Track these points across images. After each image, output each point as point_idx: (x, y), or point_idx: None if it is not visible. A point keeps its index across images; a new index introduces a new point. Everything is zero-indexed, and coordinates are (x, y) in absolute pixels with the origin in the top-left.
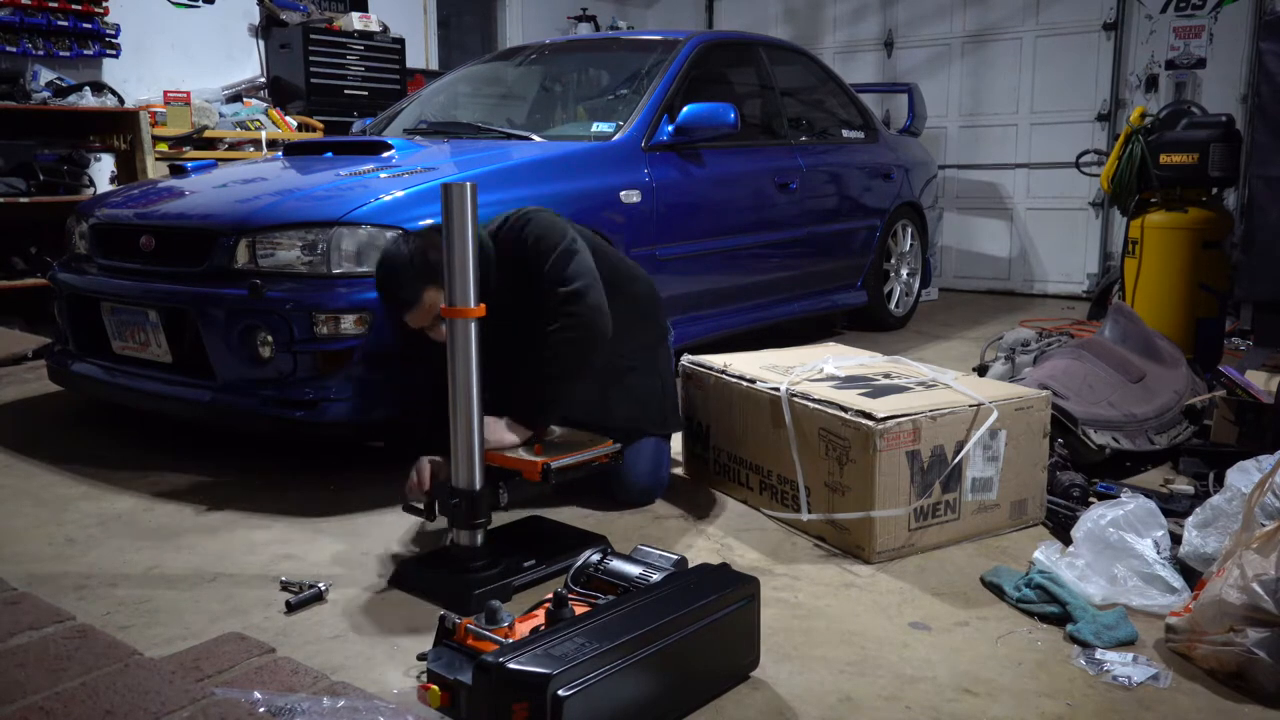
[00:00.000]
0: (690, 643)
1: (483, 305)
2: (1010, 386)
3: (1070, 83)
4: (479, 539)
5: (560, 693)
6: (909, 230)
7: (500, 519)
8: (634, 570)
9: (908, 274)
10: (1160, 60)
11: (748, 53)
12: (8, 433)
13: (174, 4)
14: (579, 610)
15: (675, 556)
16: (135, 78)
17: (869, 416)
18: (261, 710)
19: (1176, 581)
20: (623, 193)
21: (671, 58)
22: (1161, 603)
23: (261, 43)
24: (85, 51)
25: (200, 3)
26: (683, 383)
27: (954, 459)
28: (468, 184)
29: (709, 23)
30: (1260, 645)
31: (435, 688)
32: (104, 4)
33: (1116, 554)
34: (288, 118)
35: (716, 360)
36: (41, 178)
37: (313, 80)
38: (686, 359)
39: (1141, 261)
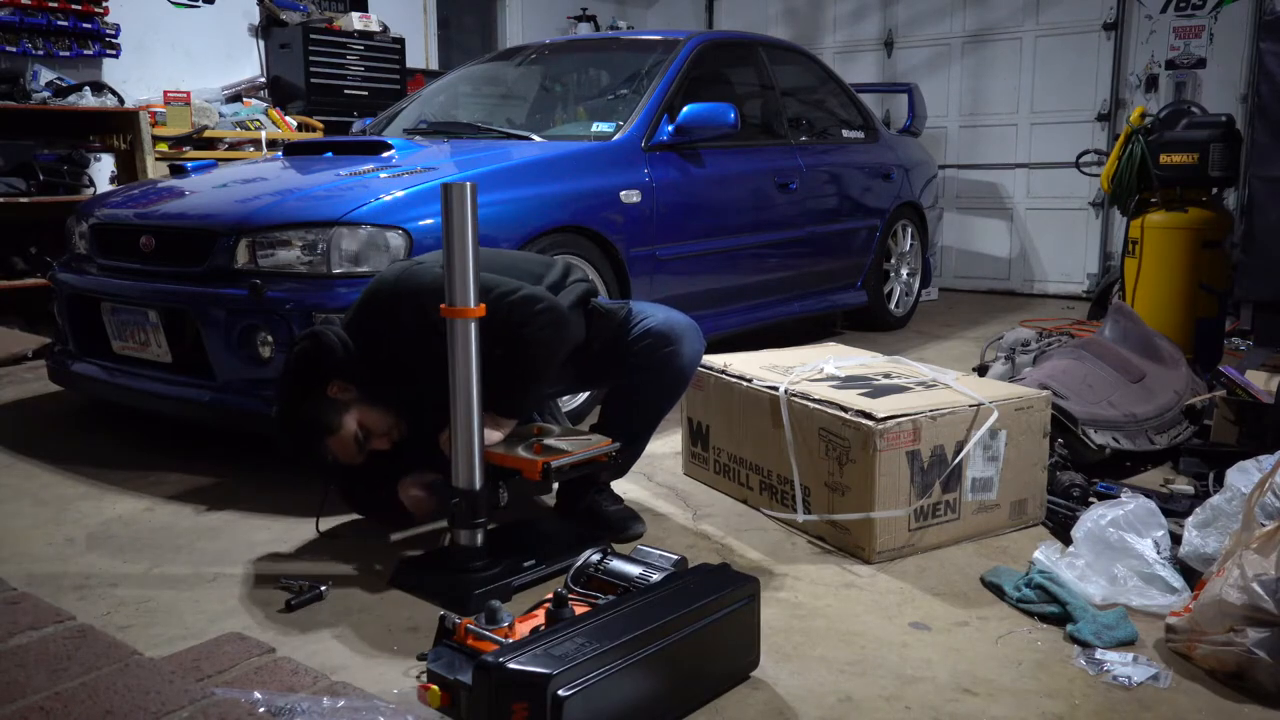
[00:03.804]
0: (690, 643)
1: (483, 305)
2: (1010, 386)
3: (1070, 83)
4: (479, 539)
5: (560, 693)
6: (909, 230)
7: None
8: (634, 570)
9: (908, 274)
10: (1160, 60)
11: (748, 53)
12: (8, 433)
13: (174, 4)
14: (579, 610)
15: (675, 556)
16: (135, 78)
17: (869, 416)
18: (261, 710)
19: (1176, 581)
20: (623, 193)
21: (671, 58)
22: (1161, 603)
23: (261, 43)
24: (85, 51)
25: (200, 3)
26: None
27: (954, 459)
28: (468, 184)
29: (709, 23)
30: (1260, 645)
31: (435, 688)
32: (104, 4)
33: (1116, 554)
34: (288, 118)
35: (716, 360)
36: (41, 178)
37: (313, 80)
38: None
39: (1141, 261)
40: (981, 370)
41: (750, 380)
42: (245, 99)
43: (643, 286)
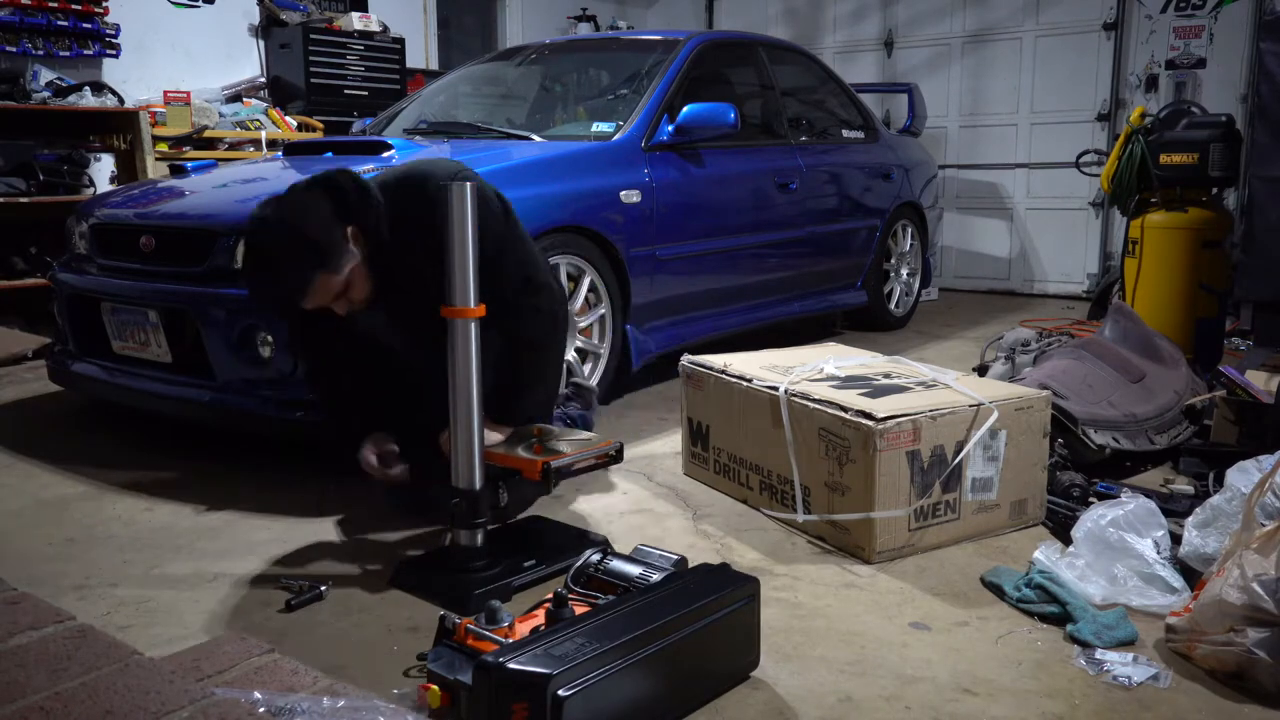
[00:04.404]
0: (690, 643)
1: (482, 305)
2: (1010, 386)
3: (1070, 83)
4: (479, 539)
5: (560, 693)
6: (909, 230)
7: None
8: (634, 570)
9: (908, 274)
10: (1160, 60)
11: (748, 53)
12: (8, 433)
13: (174, 4)
14: (579, 610)
15: (675, 556)
16: (135, 78)
17: (869, 416)
18: (261, 710)
19: (1176, 581)
20: (623, 193)
21: (671, 58)
22: (1161, 603)
23: (261, 43)
24: (85, 51)
25: (200, 3)
26: (683, 383)
27: (954, 459)
28: (468, 184)
29: (709, 23)
30: (1260, 645)
31: (435, 688)
32: (104, 4)
33: (1116, 554)
34: (288, 118)
35: (716, 360)
36: (41, 178)
37: (313, 80)
38: (686, 359)
39: (1141, 261)
40: (981, 370)
41: (750, 380)
42: (245, 99)
43: (643, 286)
